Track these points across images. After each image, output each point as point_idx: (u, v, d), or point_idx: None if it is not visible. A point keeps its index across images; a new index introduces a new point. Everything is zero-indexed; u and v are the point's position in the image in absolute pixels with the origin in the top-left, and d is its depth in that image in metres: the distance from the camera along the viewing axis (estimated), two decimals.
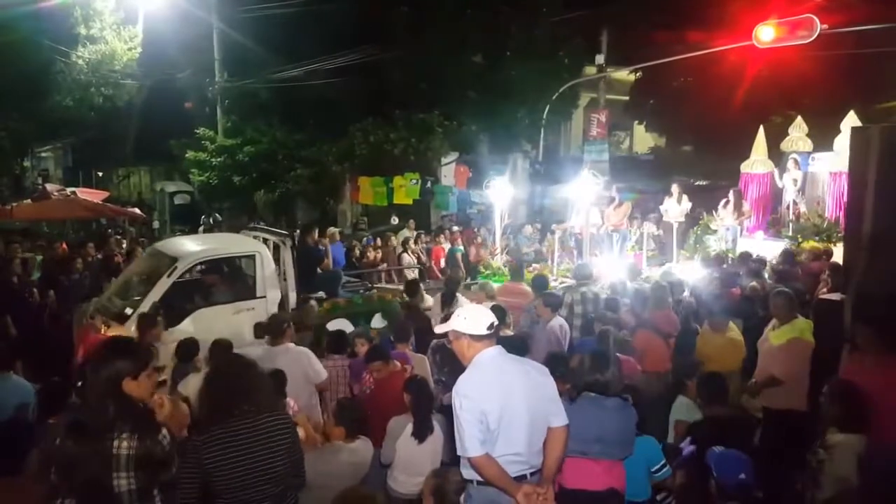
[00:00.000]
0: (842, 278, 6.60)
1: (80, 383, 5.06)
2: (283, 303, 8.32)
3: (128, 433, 2.90)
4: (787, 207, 13.27)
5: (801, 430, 5.15)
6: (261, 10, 19.01)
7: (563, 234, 13.50)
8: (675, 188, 13.96)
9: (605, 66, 20.29)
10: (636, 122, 26.23)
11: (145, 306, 7.37)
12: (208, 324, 7.50)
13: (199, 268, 8.64)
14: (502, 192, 12.89)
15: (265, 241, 8.97)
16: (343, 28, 18.85)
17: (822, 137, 13.12)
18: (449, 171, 20.43)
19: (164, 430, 3.09)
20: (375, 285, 11.36)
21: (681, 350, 6.86)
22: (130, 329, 7.01)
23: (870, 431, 4.08)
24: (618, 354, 5.10)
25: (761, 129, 14.05)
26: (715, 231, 12.91)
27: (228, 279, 8.81)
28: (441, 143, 19.02)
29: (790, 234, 12.42)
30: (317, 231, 10.76)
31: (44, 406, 4.98)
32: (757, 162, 13.90)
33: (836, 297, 5.88)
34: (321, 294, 9.04)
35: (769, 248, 11.53)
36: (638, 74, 22.63)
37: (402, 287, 9.87)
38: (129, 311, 7.58)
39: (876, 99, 16.44)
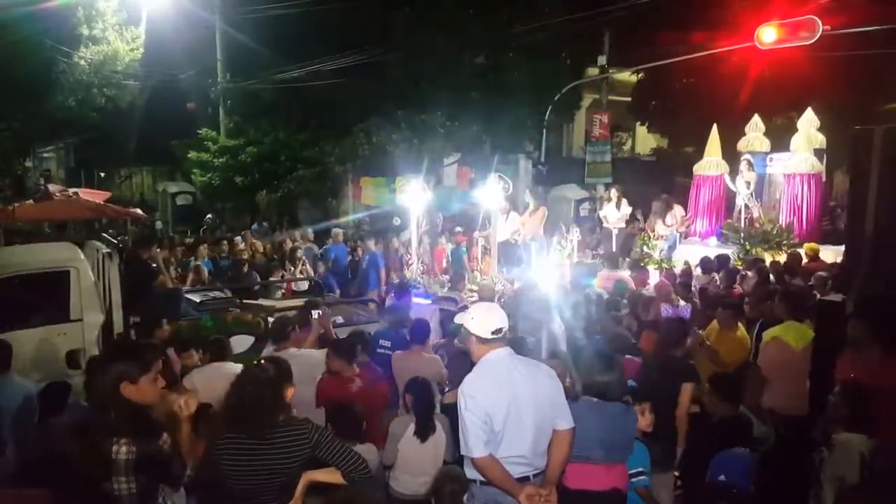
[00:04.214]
0: (843, 279, 6.60)
1: None
2: (106, 326, 7.22)
3: (126, 439, 2.89)
4: (739, 212, 12.54)
5: (801, 431, 5.16)
6: (263, 10, 19.02)
7: (485, 241, 12.13)
8: (613, 192, 13.16)
9: (608, 67, 20.28)
10: (638, 123, 26.18)
11: None
12: None
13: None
14: (418, 197, 11.49)
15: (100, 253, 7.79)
16: (345, 29, 18.83)
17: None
18: (451, 171, 20.45)
19: (165, 435, 3.09)
20: (245, 301, 10.16)
21: None
22: None
23: (875, 432, 4.09)
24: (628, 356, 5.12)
25: (714, 127, 13.38)
26: (648, 241, 12.16)
27: (35, 299, 7.44)
28: (443, 143, 19.02)
29: (740, 240, 11.79)
30: (156, 245, 9.65)
31: (44, 407, 5.01)
32: (710, 163, 13.17)
33: (836, 298, 5.89)
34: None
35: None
36: (640, 75, 22.61)
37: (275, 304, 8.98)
38: None
39: (881, 100, 16.33)
